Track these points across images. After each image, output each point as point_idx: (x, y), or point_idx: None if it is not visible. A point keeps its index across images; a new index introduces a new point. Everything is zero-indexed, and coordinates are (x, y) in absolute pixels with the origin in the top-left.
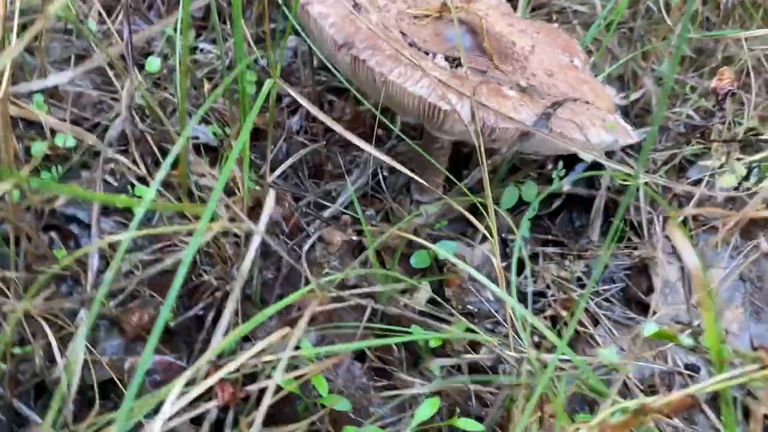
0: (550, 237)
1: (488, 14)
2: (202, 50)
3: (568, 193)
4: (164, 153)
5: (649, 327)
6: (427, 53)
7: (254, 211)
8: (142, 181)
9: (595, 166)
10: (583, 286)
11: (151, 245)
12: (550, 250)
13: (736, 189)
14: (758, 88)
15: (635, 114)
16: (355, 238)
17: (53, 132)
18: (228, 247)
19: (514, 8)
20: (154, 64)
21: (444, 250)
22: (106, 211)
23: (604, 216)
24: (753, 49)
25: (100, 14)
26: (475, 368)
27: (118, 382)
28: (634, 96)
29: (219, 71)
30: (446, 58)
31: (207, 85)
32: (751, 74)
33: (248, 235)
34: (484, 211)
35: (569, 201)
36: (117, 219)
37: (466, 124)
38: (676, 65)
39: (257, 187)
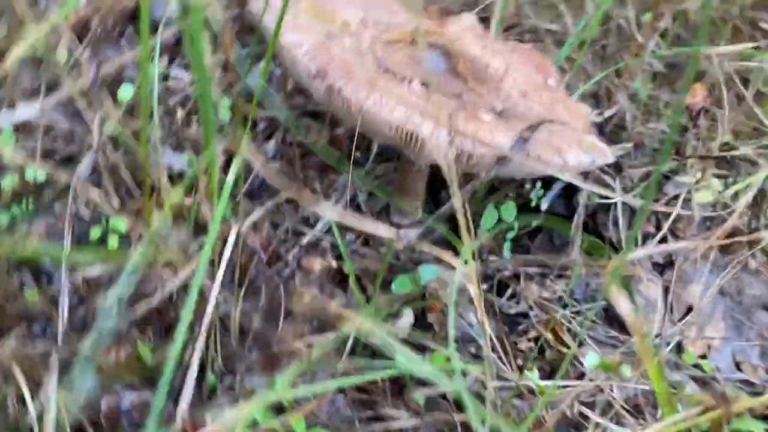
0: (530, 257)
1: (462, 36)
2: (174, 77)
3: (547, 211)
4: (138, 182)
5: (590, 358)
6: (402, 78)
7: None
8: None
9: (573, 184)
10: (566, 306)
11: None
12: (531, 270)
13: (713, 207)
14: (730, 103)
15: (610, 130)
16: (334, 264)
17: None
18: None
19: (486, 23)
20: (125, 92)
21: (426, 275)
22: (79, 243)
23: (583, 234)
24: (726, 54)
25: (70, 44)
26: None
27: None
28: (608, 113)
29: (192, 98)
30: (421, 83)
31: (180, 112)
32: (723, 91)
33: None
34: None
35: (548, 220)
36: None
37: (444, 151)
38: (648, 83)
39: (233, 219)
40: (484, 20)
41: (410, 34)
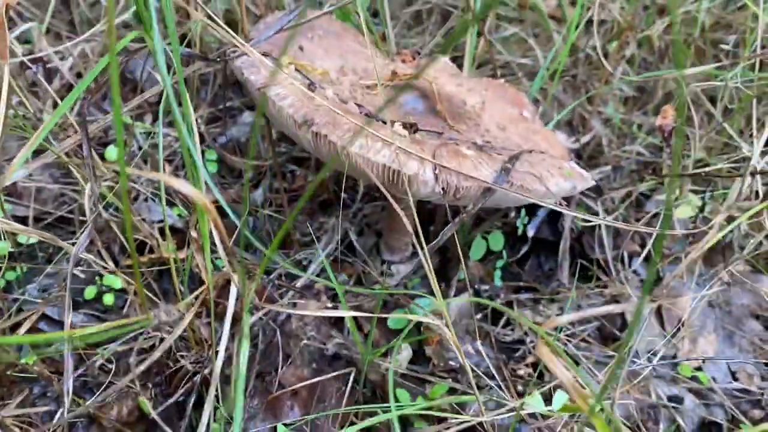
0: (521, 283)
1: (437, 77)
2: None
3: (534, 237)
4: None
5: (557, 399)
6: (384, 122)
7: (225, 289)
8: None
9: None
10: (560, 329)
11: (124, 335)
12: (523, 296)
13: (693, 221)
14: (700, 121)
15: (588, 155)
16: (329, 305)
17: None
18: (202, 329)
19: (460, 67)
20: (113, 152)
21: (419, 311)
22: (75, 302)
23: (571, 257)
24: (692, 75)
25: (54, 106)
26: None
27: None
28: (584, 139)
29: (179, 153)
30: (403, 125)
31: (168, 168)
32: (692, 111)
33: (220, 317)
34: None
35: (536, 245)
36: (86, 311)
37: (431, 187)
38: (621, 107)
39: (224, 267)
40: (457, 59)
41: (388, 78)
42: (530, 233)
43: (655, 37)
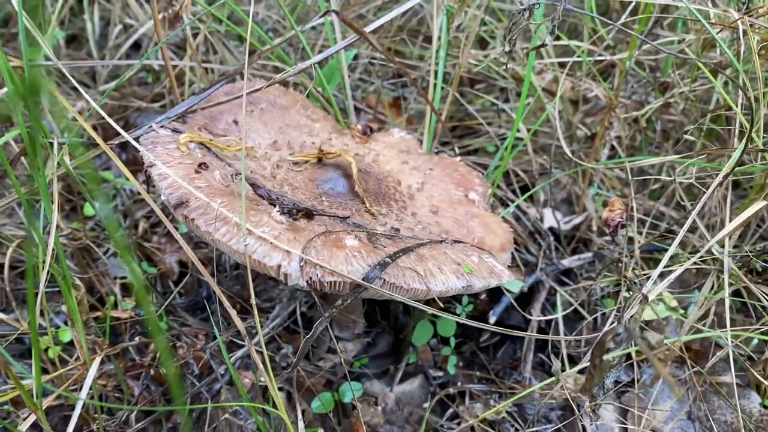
0: (478, 373)
1: (381, 153)
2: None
3: (500, 324)
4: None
5: None
6: (274, 206)
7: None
8: None
9: (523, 297)
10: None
11: None
12: (477, 387)
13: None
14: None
15: (578, 239)
16: (263, 379)
17: None
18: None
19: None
20: (90, 208)
21: (349, 394)
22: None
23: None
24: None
25: None
26: None
27: None
28: (576, 220)
29: None
30: (288, 211)
31: (143, 225)
32: (634, 207)
33: None
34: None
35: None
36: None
37: (296, 280)
38: (623, 188)
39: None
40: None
41: (314, 155)
42: (491, 320)
43: (642, 120)
